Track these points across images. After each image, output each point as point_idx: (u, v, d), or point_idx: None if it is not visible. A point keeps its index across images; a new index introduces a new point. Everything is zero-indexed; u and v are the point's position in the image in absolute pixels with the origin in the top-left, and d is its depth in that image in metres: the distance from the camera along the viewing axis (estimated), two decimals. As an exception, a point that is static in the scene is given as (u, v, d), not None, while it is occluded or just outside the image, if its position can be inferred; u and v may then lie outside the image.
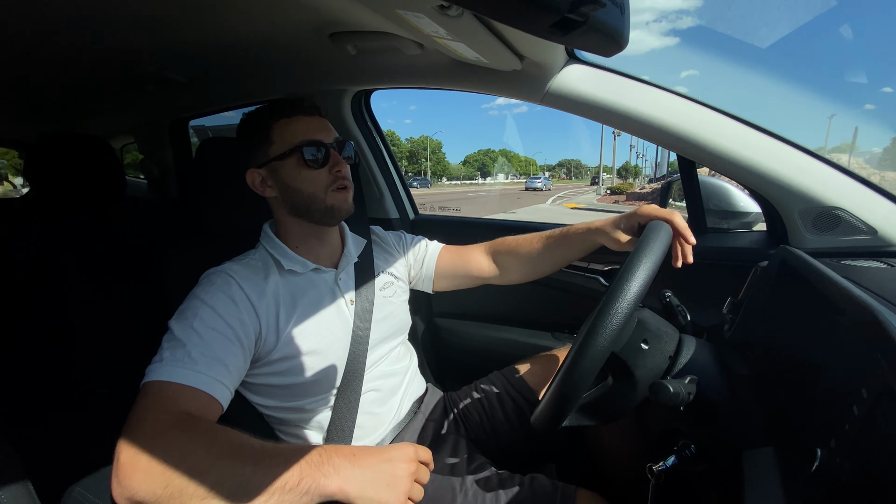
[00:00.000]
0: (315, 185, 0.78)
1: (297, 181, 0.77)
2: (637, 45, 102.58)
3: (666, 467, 0.61)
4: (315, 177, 0.78)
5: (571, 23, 0.44)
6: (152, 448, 0.52)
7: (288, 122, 0.78)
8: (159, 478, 0.51)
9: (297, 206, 0.80)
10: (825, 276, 0.55)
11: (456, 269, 1.02)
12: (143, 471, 0.51)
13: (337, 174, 0.79)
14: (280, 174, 0.78)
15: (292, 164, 0.77)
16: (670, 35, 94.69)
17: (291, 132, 0.77)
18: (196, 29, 0.89)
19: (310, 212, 0.80)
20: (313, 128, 0.79)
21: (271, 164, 0.78)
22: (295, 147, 0.76)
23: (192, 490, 0.51)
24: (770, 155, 0.83)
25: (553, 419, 0.59)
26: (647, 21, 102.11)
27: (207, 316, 0.68)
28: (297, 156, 0.76)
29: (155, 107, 1.60)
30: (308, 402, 0.80)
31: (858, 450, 0.37)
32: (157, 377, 0.61)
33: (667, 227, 0.67)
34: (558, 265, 0.95)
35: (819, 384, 0.48)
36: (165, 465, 0.51)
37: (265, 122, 0.78)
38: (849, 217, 0.81)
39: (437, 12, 0.58)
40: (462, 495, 0.77)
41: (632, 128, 0.88)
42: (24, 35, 0.88)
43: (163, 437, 0.54)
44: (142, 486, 0.51)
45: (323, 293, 0.83)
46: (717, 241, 1.04)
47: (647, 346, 0.62)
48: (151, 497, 0.51)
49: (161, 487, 0.51)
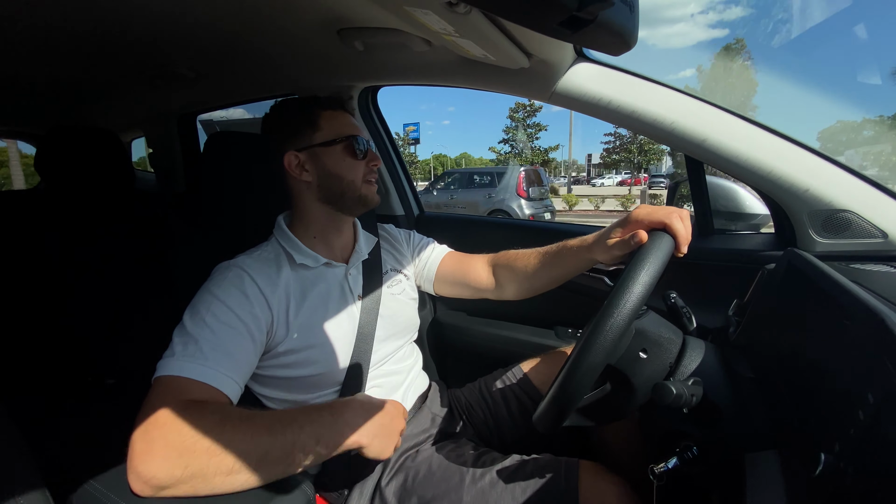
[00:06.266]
0: (354, 174, 0.84)
1: (340, 168, 0.83)
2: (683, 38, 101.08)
3: (667, 468, 0.61)
4: (356, 167, 0.84)
5: (580, 21, 0.44)
6: (166, 434, 0.55)
7: (335, 113, 0.85)
8: (178, 460, 0.53)
9: (332, 192, 0.84)
10: (833, 280, 0.54)
11: (456, 275, 1.01)
12: (161, 456, 0.53)
13: (372, 167, 0.86)
14: (322, 159, 0.82)
15: (338, 152, 0.83)
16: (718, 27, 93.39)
17: (340, 123, 0.84)
18: (204, 24, 0.89)
19: (343, 198, 0.84)
20: (355, 124, 0.87)
21: (314, 149, 0.82)
22: (344, 137, 0.83)
23: (214, 467, 0.54)
24: (779, 156, 0.83)
25: (553, 421, 0.59)
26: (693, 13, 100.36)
27: (219, 310, 0.69)
28: (345, 144, 0.83)
29: (163, 101, 1.61)
30: (312, 396, 0.81)
31: (863, 455, 0.37)
32: (167, 372, 0.63)
33: (668, 238, 0.65)
34: (554, 283, 0.91)
35: (824, 388, 0.48)
36: (182, 448, 0.54)
37: (313, 110, 0.84)
38: (859, 220, 0.80)
39: (446, 9, 0.58)
40: (470, 476, 0.77)
41: (639, 127, 0.88)
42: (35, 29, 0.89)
43: (174, 422, 0.56)
44: (160, 470, 0.53)
45: (332, 287, 0.84)
46: (724, 242, 1.03)
47: (646, 356, 0.61)
48: (172, 479, 0.53)
49: (181, 469, 0.53)
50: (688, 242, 0.68)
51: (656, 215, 0.69)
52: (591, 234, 0.82)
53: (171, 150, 1.87)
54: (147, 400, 0.60)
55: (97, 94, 1.47)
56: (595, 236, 0.80)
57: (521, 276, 0.93)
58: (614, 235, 0.75)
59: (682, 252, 0.67)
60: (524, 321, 1.34)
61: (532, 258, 0.92)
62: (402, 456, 0.84)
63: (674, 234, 0.66)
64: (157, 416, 0.56)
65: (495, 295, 0.99)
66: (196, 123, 1.89)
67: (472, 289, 1.01)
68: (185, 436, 0.55)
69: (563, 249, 0.87)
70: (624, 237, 0.72)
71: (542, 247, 0.91)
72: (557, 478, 0.74)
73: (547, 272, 0.90)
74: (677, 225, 0.67)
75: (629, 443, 0.90)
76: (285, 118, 0.85)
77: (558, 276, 0.89)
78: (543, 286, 0.92)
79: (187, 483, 0.54)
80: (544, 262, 0.90)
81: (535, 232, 1.45)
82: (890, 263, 0.76)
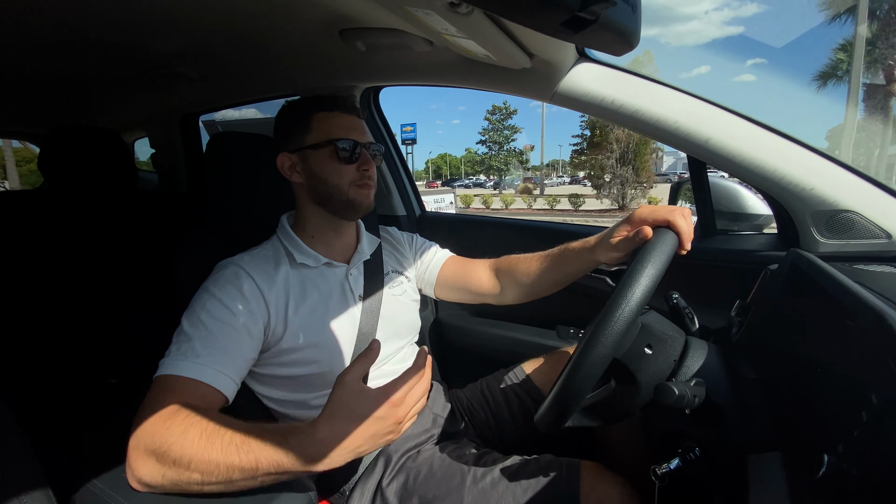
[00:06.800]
0: (340, 178, 0.81)
1: (325, 172, 0.81)
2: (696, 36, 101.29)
3: (669, 469, 0.60)
4: (343, 171, 0.81)
5: (582, 21, 0.44)
6: (153, 436, 0.56)
7: (328, 115, 0.82)
8: (155, 465, 0.55)
9: (319, 195, 0.83)
10: (836, 281, 0.54)
11: (457, 280, 1.01)
12: (143, 458, 0.56)
13: (364, 172, 0.82)
14: (310, 162, 0.82)
15: (324, 155, 0.81)
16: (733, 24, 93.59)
17: (329, 125, 0.81)
18: (207, 25, 0.90)
19: (331, 202, 0.83)
20: (350, 126, 0.83)
21: (304, 151, 0.82)
22: (330, 140, 0.80)
23: (186, 477, 0.54)
24: (782, 156, 0.82)
25: (555, 421, 0.59)
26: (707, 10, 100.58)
27: (214, 308, 0.70)
28: (331, 148, 0.80)
29: (166, 101, 1.61)
30: (313, 395, 0.81)
31: (867, 456, 0.37)
32: (164, 371, 0.64)
33: (672, 234, 0.66)
34: (557, 286, 0.91)
35: (827, 389, 0.47)
36: (164, 451, 0.55)
37: (306, 112, 0.83)
38: (863, 221, 0.80)
39: (447, 9, 0.58)
40: (471, 476, 0.77)
41: (642, 127, 0.88)
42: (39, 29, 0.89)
43: (162, 425, 0.57)
44: (145, 472, 0.55)
45: (332, 287, 0.84)
46: (727, 243, 1.03)
47: (651, 351, 0.61)
48: (156, 481, 0.55)
49: (159, 476, 0.55)
50: (690, 239, 0.69)
51: (659, 213, 0.70)
52: (594, 235, 0.82)
53: (174, 150, 1.88)
54: (145, 399, 0.61)
55: (100, 94, 1.47)
56: (598, 237, 0.80)
57: (523, 280, 0.93)
58: (618, 234, 0.75)
59: (685, 249, 0.68)
60: (526, 321, 1.34)
61: (533, 262, 0.91)
62: (403, 456, 0.84)
63: (677, 231, 0.67)
64: (150, 418, 0.58)
65: (497, 300, 0.99)
66: (199, 124, 1.90)
67: (473, 294, 1.00)
68: (170, 438, 0.55)
69: (564, 251, 0.86)
70: (629, 234, 0.73)
71: (544, 251, 0.91)
72: (559, 479, 0.74)
73: (549, 275, 0.89)
74: (680, 222, 0.68)
75: (631, 443, 0.90)
76: (282, 119, 0.86)
77: (560, 278, 0.89)
78: (545, 290, 0.92)
79: (171, 485, 0.55)
80: (546, 265, 0.89)
81: (537, 231, 1.45)
82: (894, 264, 0.75)
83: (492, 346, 1.34)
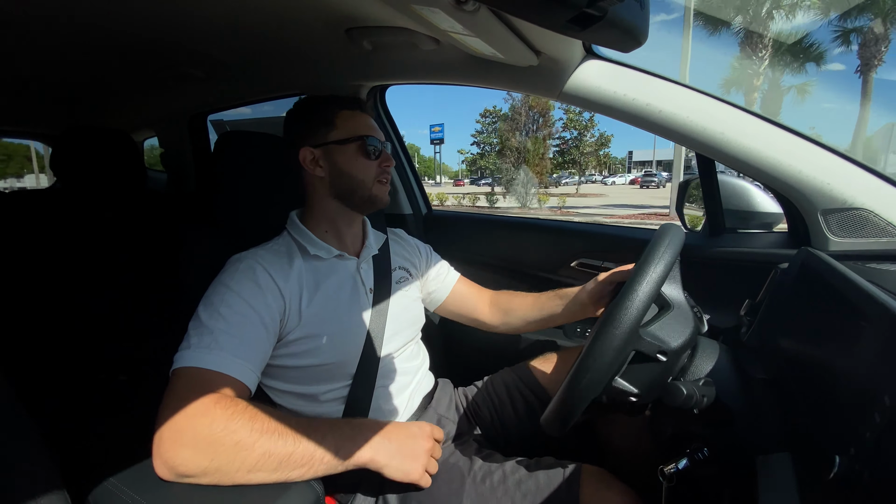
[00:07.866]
0: (366, 173, 0.85)
1: (352, 167, 0.84)
2: None
3: (677, 469, 0.60)
4: (368, 166, 0.85)
5: (589, 18, 0.43)
6: (196, 425, 0.57)
7: (353, 113, 0.86)
8: (205, 452, 0.56)
9: (342, 189, 0.85)
10: (848, 280, 0.53)
11: (461, 308, 1.08)
12: (189, 446, 0.56)
13: (385, 168, 0.87)
14: (335, 157, 0.84)
15: (351, 151, 0.84)
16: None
17: (355, 123, 0.86)
18: (214, 25, 0.90)
19: (354, 196, 0.86)
20: (371, 125, 0.88)
21: (329, 146, 0.84)
22: (358, 136, 0.84)
23: (238, 463, 0.56)
24: (791, 153, 0.81)
25: (561, 423, 0.59)
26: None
27: (233, 301, 0.71)
28: (359, 144, 0.84)
29: (174, 101, 1.63)
30: (323, 388, 0.81)
31: (879, 458, 0.36)
32: (186, 363, 0.64)
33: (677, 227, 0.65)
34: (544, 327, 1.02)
35: (839, 390, 0.47)
36: (211, 440, 0.56)
37: (331, 109, 0.86)
38: (875, 218, 0.78)
39: (453, 7, 0.58)
40: (471, 478, 0.78)
41: (650, 125, 0.87)
42: (49, 32, 0.91)
43: (206, 415, 0.58)
44: (188, 460, 0.56)
45: (344, 279, 0.85)
46: (736, 241, 1.02)
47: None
48: (197, 470, 0.56)
49: (207, 461, 0.56)
50: None
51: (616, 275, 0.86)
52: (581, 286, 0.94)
53: (182, 150, 1.90)
54: (171, 391, 0.61)
55: (110, 94, 1.49)
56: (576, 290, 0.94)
57: (515, 323, 1.04)
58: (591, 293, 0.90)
59: None
60: None
61: (526, 307, 1.02)
62: None
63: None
64: (188, 407, 0.58)
65: (488, 329, 1.08)
66: (207, 123, 1.91)
67: (469, 319, 1.09)
68: (216, 429, 0.57)
69: (557, 297, 0.97)
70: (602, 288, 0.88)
71: (539, 293, 1.02)
72: (559, 485, 0.74)
73: (539, 322, 1.01)
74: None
75: (636, 444, 0.89)
76: (304, 115, 0.88)
77: (549, 323, 1.00)
78: (533, 328, 1.04)
79: (210, 475, 0.56)
80: (538, 308, 1.00)
81: (541, 230, 1.44)
82: None
83: (497, 344, 1.33)
